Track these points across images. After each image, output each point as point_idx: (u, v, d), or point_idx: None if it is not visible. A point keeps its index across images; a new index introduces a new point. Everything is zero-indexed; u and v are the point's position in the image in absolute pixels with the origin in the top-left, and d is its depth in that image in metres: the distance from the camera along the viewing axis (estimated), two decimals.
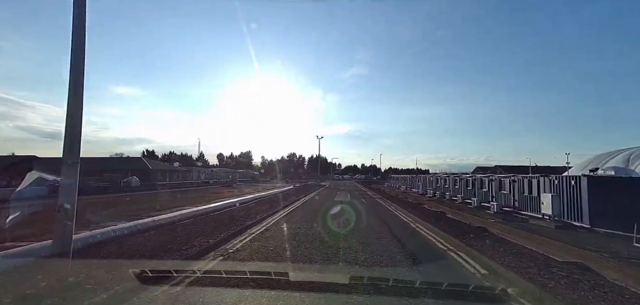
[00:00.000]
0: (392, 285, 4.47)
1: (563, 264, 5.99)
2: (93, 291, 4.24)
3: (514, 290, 4.44)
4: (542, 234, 9.79)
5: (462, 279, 5.15)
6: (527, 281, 4.98)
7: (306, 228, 9.97)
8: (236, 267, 5.61)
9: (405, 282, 4.61)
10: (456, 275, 5.48)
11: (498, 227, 11.17)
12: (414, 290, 4.29)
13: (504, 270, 5.62)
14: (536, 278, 5.11)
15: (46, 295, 4.10)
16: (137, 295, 4.08)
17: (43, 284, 4.52)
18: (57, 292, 4.22)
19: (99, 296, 4.07)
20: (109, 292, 4.21)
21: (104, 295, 4.10)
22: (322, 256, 6.55)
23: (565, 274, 5.36)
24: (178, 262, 5.92)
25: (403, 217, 13.47)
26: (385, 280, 4.63)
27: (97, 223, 9.67)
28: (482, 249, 7.32)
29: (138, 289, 4.30)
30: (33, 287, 4.41)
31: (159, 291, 4.25)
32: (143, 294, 4.14)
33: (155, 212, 12.77)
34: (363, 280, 4.65)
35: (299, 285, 4.42)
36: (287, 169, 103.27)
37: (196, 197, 21.96)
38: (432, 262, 6.35)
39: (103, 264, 5.72)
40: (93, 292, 4.22)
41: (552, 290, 4.55)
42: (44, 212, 12.58)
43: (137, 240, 7.68)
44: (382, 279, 4.73)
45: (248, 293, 4.21)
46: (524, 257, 6.54)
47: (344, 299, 4.00)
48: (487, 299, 4.31)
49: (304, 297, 4.01)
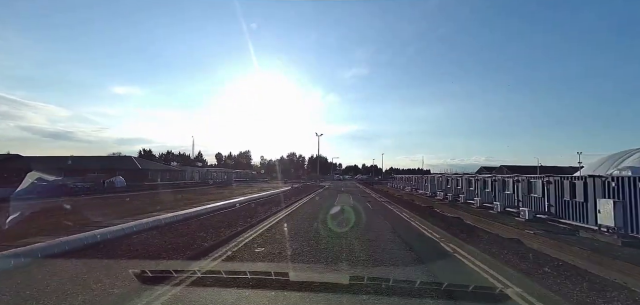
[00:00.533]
0: (392, 285, 4.38)
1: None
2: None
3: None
4: (614, 256, 7.22)
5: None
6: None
7: (303, 235, 7.44)
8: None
9: (405, 282, 4.57)
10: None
11: (544, 242, 8.64)
12: (414, 290, 4.23)
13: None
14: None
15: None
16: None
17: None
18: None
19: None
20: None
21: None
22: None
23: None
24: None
25: (419, 227, 10.94)
26: (385, 280, 4.52)
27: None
28: (551, 283, 4.76)
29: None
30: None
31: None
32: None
33: (111, 221, 10.26)
34: (363, 280, 4.57)
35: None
36: (287, 169, 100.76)
37: (179, 200, 19.48)
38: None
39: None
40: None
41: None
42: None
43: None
44: (382, 279, 4.62)
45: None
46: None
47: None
48: (487, 299, 4.22)
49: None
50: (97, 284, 4.57)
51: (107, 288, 4.40)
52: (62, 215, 12.39)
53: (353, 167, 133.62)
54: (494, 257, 6.55)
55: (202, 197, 21.64)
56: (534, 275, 5.32)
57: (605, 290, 4.55)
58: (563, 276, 5.20)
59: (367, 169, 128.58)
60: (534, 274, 5.39)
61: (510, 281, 4.98)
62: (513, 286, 4.73)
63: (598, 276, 5.42)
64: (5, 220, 9.75)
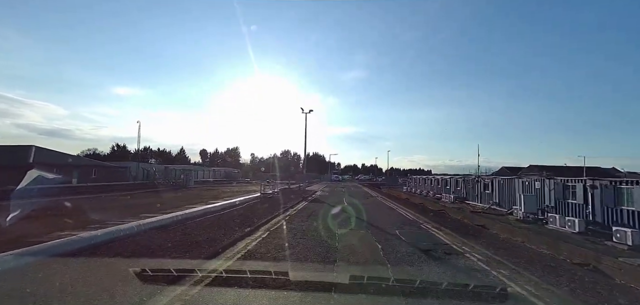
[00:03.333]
0: (392, 285, 4.39)
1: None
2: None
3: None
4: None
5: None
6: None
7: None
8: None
9: (405, 282, 4.57)
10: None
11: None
12: (414, 290, 4.26)
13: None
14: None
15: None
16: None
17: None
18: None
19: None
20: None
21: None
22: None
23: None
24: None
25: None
26: (385, 280, 4.55)
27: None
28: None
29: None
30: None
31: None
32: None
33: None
34: (363, 279, 4.50)
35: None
36: (281, 167, 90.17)
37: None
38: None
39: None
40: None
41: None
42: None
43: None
44: (382, 279, 4.63)
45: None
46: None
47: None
48: (487, 298, 4.20)
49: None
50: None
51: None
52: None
53: (352, 166, 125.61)
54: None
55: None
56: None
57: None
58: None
59: (367, 168, 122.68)
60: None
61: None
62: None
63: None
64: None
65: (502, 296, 4.25)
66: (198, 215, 11.74)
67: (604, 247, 8.62)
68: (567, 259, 7.14)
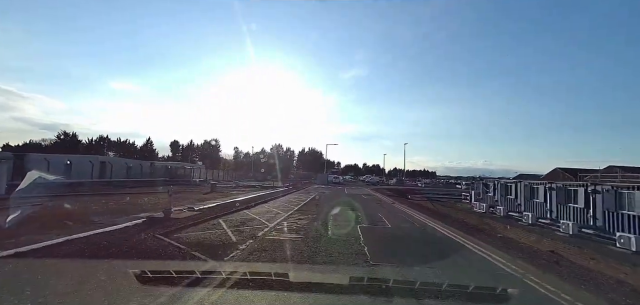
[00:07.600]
0: (392, 286, 4.33)
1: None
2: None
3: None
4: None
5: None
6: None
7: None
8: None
9: (406, 283, 4.54)
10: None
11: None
12: (414, 291, 4.19)
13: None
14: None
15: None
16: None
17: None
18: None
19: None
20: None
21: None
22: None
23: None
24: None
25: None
26: (385, 281, 4.48)
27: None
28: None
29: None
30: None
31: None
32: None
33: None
34: (363, 280, 4.48)
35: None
36: (271, 164, 75.29)
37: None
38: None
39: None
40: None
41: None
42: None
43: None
44: (383, 280, 4.55)
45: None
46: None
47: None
48: (488, 299, 4.18)
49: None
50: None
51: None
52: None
53: (353, 166, 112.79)
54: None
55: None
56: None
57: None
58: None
59: (368, 169, 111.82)
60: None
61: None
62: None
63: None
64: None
65: (503, 296, 4.23)
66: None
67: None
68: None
